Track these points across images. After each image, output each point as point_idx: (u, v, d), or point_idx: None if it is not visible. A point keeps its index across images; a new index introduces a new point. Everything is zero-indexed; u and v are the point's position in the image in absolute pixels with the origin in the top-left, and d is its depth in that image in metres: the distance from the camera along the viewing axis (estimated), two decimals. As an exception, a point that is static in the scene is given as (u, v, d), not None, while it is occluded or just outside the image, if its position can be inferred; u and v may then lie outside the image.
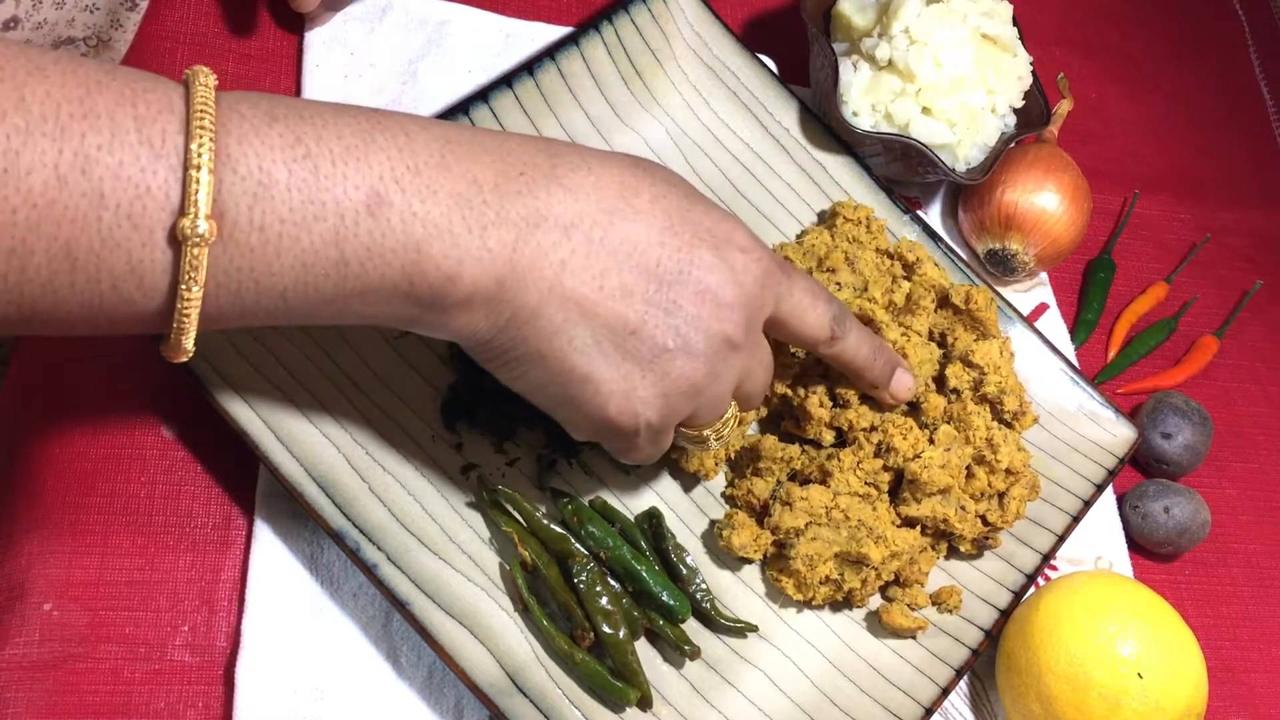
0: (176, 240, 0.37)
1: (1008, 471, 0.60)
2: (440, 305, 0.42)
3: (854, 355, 0.54)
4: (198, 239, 0.36)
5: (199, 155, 0.36)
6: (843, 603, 0.59)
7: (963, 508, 0.59)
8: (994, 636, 0.58)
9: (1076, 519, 0.61)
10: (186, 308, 0.38)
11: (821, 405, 0.58)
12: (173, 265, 0.37)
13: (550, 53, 0.62)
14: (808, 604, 0.58)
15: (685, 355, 0.45)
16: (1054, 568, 0.66)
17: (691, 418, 0.49)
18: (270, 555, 0.52)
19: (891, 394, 0.57)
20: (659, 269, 0.45)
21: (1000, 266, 0.73)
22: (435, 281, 0.41)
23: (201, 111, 0.37)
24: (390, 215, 0.40)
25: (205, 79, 0.38)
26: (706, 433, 0.51)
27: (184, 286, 0.37)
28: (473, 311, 0.43)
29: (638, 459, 0.50)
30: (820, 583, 0.57)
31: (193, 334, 0.39)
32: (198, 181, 0.36)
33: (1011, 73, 0.70)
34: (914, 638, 0.58)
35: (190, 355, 0.40)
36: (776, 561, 0.58)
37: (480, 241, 0.41)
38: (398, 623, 0.53)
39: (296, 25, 0.66)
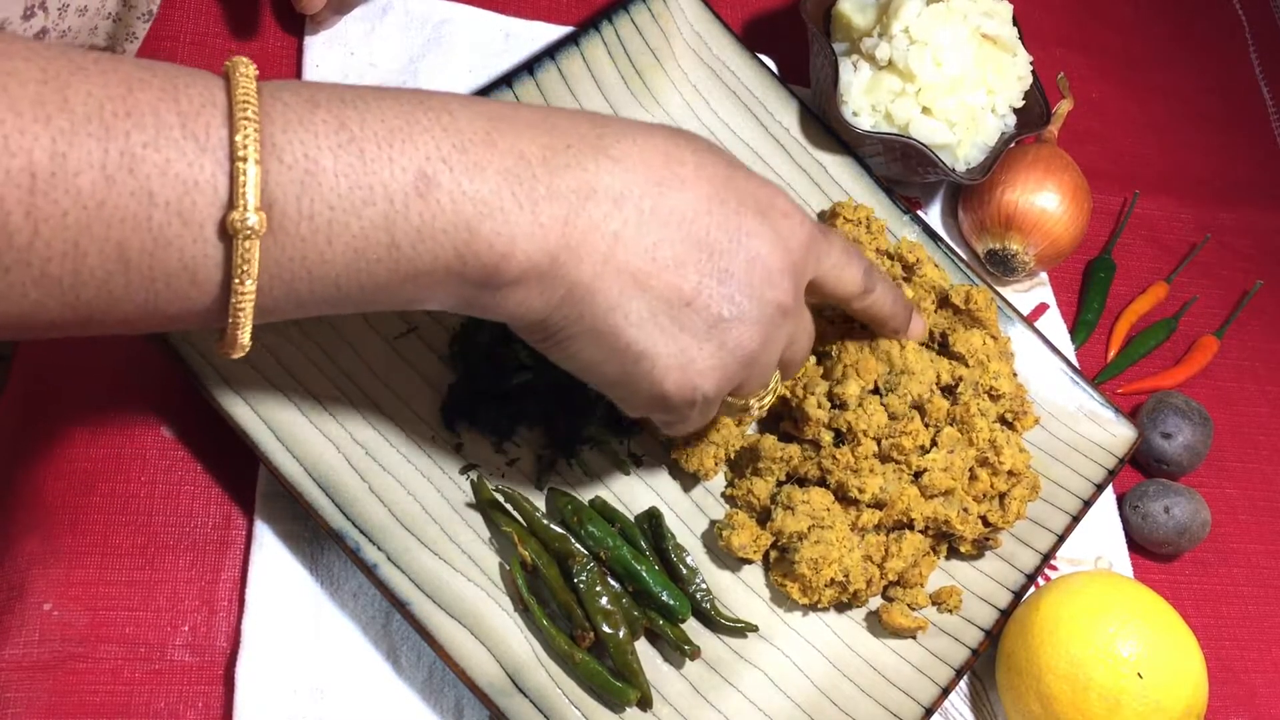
0: (227, 234, 0.36)
1: (1010, 473, 0.60)
2: (494, 283, 0.41)
3: (881, 307, 0.55)
4: (248, 231, 0.36)
5: (244, 147, 0.36)
6: (846, 604, 0.59)
7: (965, 509, 0.59)
8: (994, 636, 0.58)
9: (1076, 519, 0.61)
10: (241, 301, 0.38)
11: (820, 407, 0.58)
12: (225, 260, 0.37)
13: (550, 53, 0.62)
14: (812, 607, 0.58)
15: (740, 323, 0.45)
16: (1054, 568, 0.66)
17: (740, 386, 0.48)
18: (270, 555, 0.52)
19: (910, 336, 0.59)
20: (709, 238, 0.44)
21: (1000, 266, 0.73)
22: (488, 260, 0.41)
23: (244, 102, 0.36)
24: (440, 195, 0.39)
25: (246, 69, 0.38)
26: (751, 401, 0.51)
27: (237, 280, 0.37)
28: (527, 289, 0.42)
29: (684, 431, 0.50)
30: (825, 585, 0.57)
31: (249, 328, 0.39)
32: (245, 173, 0.36)
33: (1011, 73, 0.70)
34: (914, 638, 0.58)
35: (247, 350, 0.40)
36: (780, 565, 0.58)
37: (532, 217, 0.41)
38: (398, 623, 0.53)
39: (297, 26, 0.66)
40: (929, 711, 0.55)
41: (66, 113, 0.34)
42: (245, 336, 0.39)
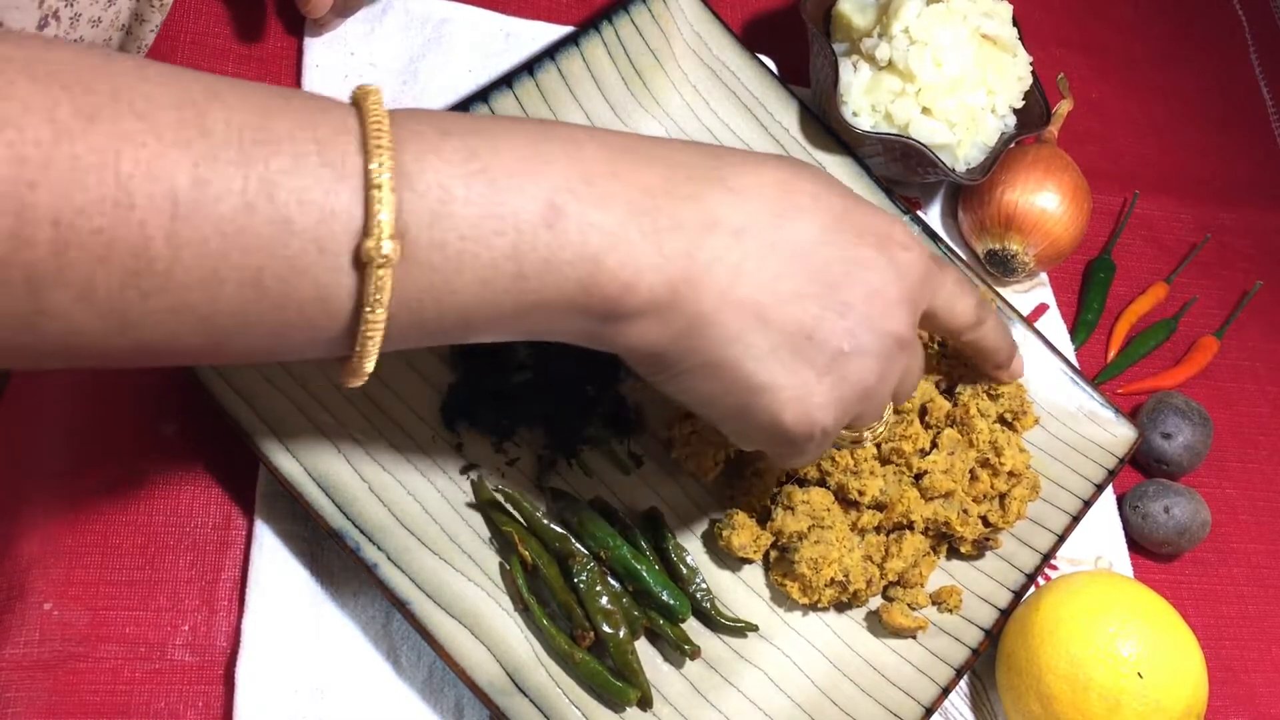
0: (361, 263, 0.36)
1: (1010, 474, 0.60)
2: (615, 316, 0.41)
3: (989, 340, 0.54)
4: (382, 260, 0.36)
5: (379, 175, 0.36)
6: (846, 604, 0.59)
7: (965, 511, 0.59)
8: (994, 636, 0.58)
9: (1076, 519, 0.61)
10: (370, 330, 0.37)
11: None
12: (357, 288, 0.37)
13: (550, 53, 0.62)
14: (812, 606, 0.58)
15: (860, 356, 0.44)
16: (1054, 567, 0.66)
17: (855, 419, 0.47)
18: (270, 555, 0.52)
19: (1011, 374, 0.58)
20: (827, 271, 0.44)
21: (1000, 266, 0.73)
22: (611, 292, 0.40)
23: (377, 130, 0.36)
24: (567, 226, 0.39)
25: (375, 97, 0.38)
26: (864, 433, 0.51)
27: (368, 309, 0.37)
28: (648, 321, 0.41)
29: (799, 464, 0.49)
30: (825, 585, 0.57)
31: (374, 357, 0.38)
32: (380, 201, 0.36)
33: (1011, 73, 0.70)
34: (914, 637, 0.58)
35: (368, 379, 0.39)
36: (780, 565, 0.58)
37: (656, 248, 0.40)
38: (398, 623, 0.53)
39: (297, 26, 0.66)
40: (929, 711, 0.55)
41: (206, 139, 0.34)
42: (369, 365, 0.39)
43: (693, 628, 0.56)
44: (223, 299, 0.35)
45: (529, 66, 0.62)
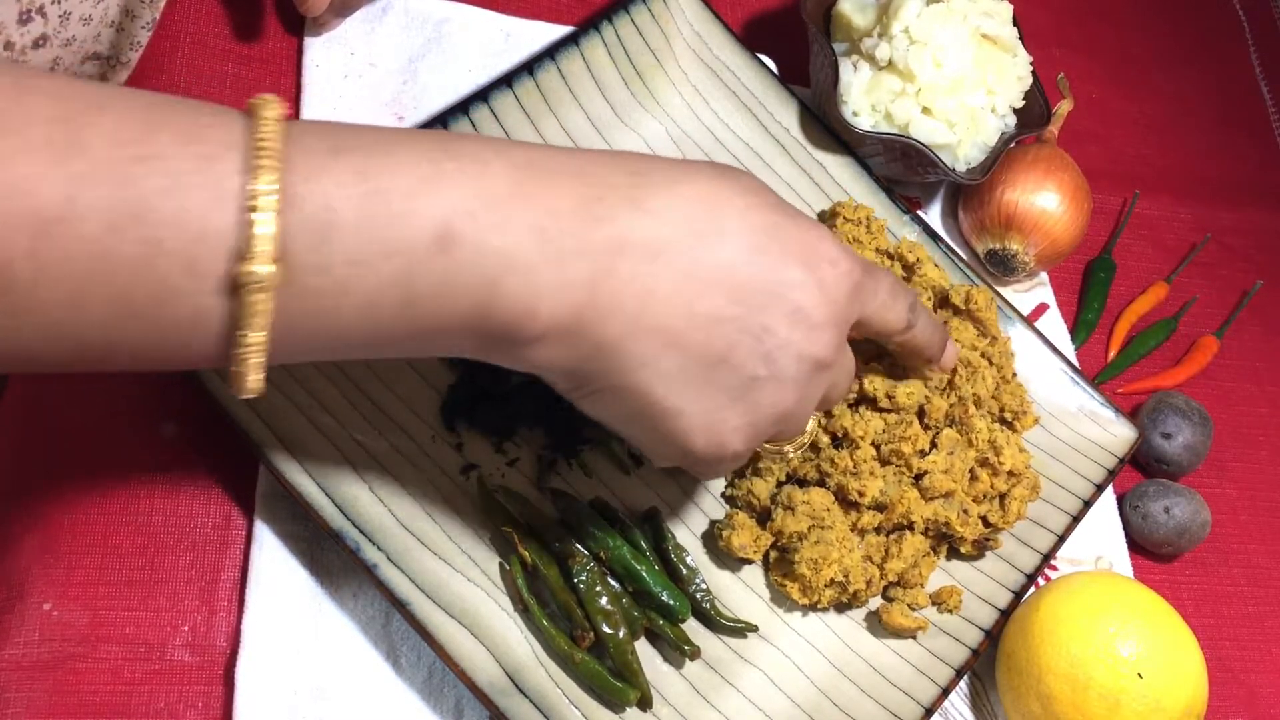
0: (236, 285, 0.35)
1: (1010, 473, 0.60)
2: (515, 340, 0.40)
3: (919, 340, 0.54)
4: (260, 283, 0.35)
5: (260, 196, 0.35)
6: (845, 604, 0.59)
7: (965, 511, 0.59)
8: (994, 636, 0.58)
9: (1076, 519, 0.61)
10: (245, 353, 0.37)
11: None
12: (232, 311, 0.36)
13: (550, 53, 0.62)
14: (812, 607, 0.58)
15: (775, 382, 0.43)
16: (1054, 568, 0.66)
17: (774, 437, 0.47)
18: (270, 555, 0.52)
19: (942, 367, 0.58)
20: (748, 292, 0.42)
21: (1000, 266, 0.73)
22: (509, 318, 0.39)
23: (264, 148, 0.35)
24: (462, 252, 0.38)
25: (269, 110, 0.36)
26: (787, 446, 0.50)
27: (241, 333, 0.36)
28: (550, 346, 0.40)
29: (714, 477, 0.49)
30: (825, 585, 0.57)
31: (256, 375, 0.37)
32: (259, 223, 0.35)
33: (1011, 73, 0.70)
34: (914, 638, 0.58)
35: (259, 393, 0.38)
36: (780, 566, 0.58)
37: (558, 274, 0.39)
38: (398, 623, 0.53)
39: (297, 26, 0.66)
40: (929, 711, 0.55)
41: (81, 155, 0.33)
42: (252, 382, 0.38)
43: (692, 628, 0.56)
44: (92, 319, 0.34)
45: (529, 66, 0.62)
